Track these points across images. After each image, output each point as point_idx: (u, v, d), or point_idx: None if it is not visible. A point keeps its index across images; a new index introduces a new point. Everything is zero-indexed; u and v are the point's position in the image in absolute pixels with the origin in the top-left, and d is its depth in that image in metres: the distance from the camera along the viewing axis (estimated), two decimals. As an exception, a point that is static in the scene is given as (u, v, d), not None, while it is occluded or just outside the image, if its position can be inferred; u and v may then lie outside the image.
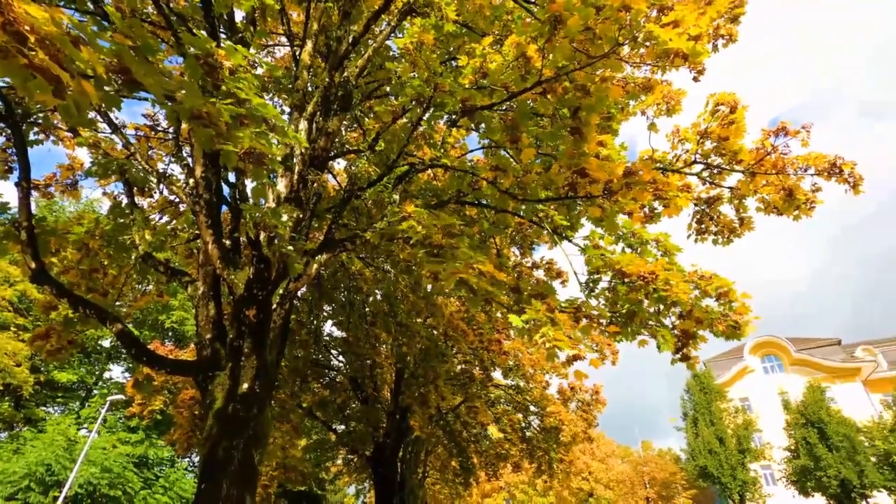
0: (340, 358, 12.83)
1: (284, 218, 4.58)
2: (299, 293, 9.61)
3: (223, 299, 5.22)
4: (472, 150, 8.37)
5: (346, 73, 5.60)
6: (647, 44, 3.48)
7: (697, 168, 6.03)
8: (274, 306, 4.95)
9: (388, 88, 7.28)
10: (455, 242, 4.46)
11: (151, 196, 6.25)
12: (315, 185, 5.52)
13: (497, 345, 12.36)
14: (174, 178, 6.16)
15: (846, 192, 5.44)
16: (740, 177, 5.75)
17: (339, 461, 22.57)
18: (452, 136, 7.39)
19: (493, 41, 5.54)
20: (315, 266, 5.32)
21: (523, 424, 17.12)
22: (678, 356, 5.44)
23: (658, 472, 55.84)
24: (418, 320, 10.71)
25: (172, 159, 6.28)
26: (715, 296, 5.23)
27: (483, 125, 5.47)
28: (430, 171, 8.23)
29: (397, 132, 6.05)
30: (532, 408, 16.77)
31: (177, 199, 6.34)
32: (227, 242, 5.55)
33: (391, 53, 7.22)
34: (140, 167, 5.41)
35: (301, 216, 4.95)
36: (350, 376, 12.52)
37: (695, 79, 4.61)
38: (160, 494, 23.40)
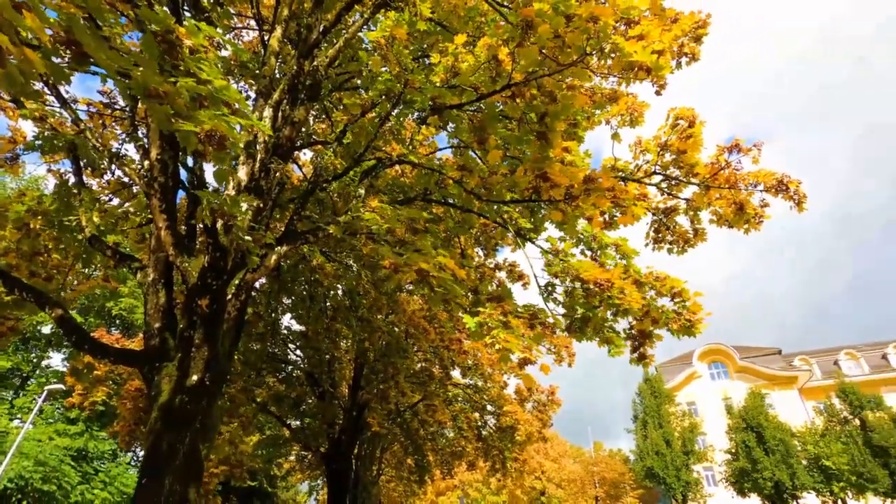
0: (298, 352, 12.59)
1: (244, 207, 4.46)
2: (257, 284, 9.37)
3: (175, 287, 5.03)
4: (440, 149, 8.39)
5: (315, 63, 5.49)
6: (613, 55, 3.58)
7: (657, 179, 6.25)
8: (229, 297, 4.81)
9: (358, 81, 7.18)
10: (418, 238, 4.47)
11: (102, 176, 5.94)
12: (278, 174, 5.39)
13: (457, 344, 12.44)
14: (128, 158, 5.88)
15: (791, 209, 5.78)
16: (696, 189, 6.00)
17: (293, 457, 22.15)
18: (422, 133, 7.37)
19: (465, 41, 5.57)
20: (274, 257, 5.20)
21: (480, 423, 17.28)
22: (635, 355, 5.64)
23: (608, 472, 57.54)
24: (380, 316, 10.64)
25: (127, 139, 6.00)
26: (669, 295, 5.45)
27: (452, 125, 5.50)
28: (397, 167, 8.19)
29: (366, 126, 5.98)
30: (489, 407, 16.97)
31: (130, 181, 6.05)
32: (183, 229, 5.36)
33: (364, 46, 7.13)
34: (91, 145, 5.14)
35: (262, 206, 4.82)
36: (307, 371, 12.31)
37: (657, 92, 4.78)
38: (99, 489, 22.29)
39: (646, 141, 6.04)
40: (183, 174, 5.72)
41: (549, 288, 5.03)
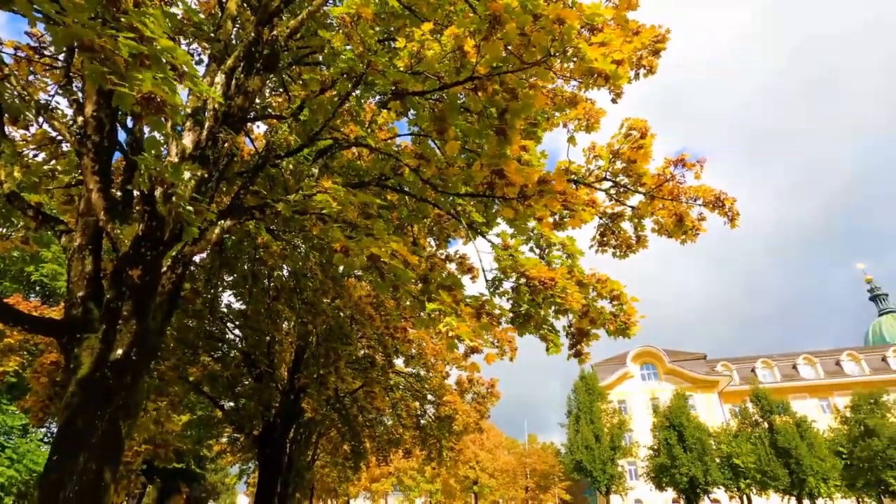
0: (237, 332, 12.16)
1: (186, 176, 4.23)
2: (197, 259, 8.95)
3: (104, 255, 4.72)
4: (400, 135, 8.28)
5: (275, 32, 5.26)
6: (575, 59, 3.66)
7: (607, 185, 6.47)
8: (164, 269, 4.56)
9: (320, 57, 6.95)
10: (371, 223, 4.41)
11: (27, 129, 5.44)
12: (227, 145, 5.14)
13: (402, 332, 12.43)
14: (59, 112, 5.42)
15: (725, 224, 6.16)
16: (641, 198, 6.26)
17: (224, 439, 21.46)
18: (382, 117, 7.25)
19: (433, 29, 5.51)
20: (217, 231, 4.97)
21: (419, 412, 17.42)
22: (573, 352, 5.85)
23: (539, 464, 59.66)
24: (325, 300, 10.44)
25: (59, 90, 5.52)
26: (609, 298, 5.68)
27: (413, 112, 5.44)
28: (354, 149, 8.03)
29: (324, 104, 5.79)
30: (430, 396, 17.12)
31: (59, 137, 5.58)
32: (118, 194, 5.02)
33: (329, 21, 6.89)
34: (15, 93, 4.69)
35: (207, 176, 4.59)
36: (245, 351, 11.92)
37: (613, 100, 4.93)
38: (5, 466, 20.69)
39: (599, 147, 6.23)
40: (122, 135, 5.36)
41: (497, 282, 5.12)
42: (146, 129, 4.86)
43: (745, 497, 30.70)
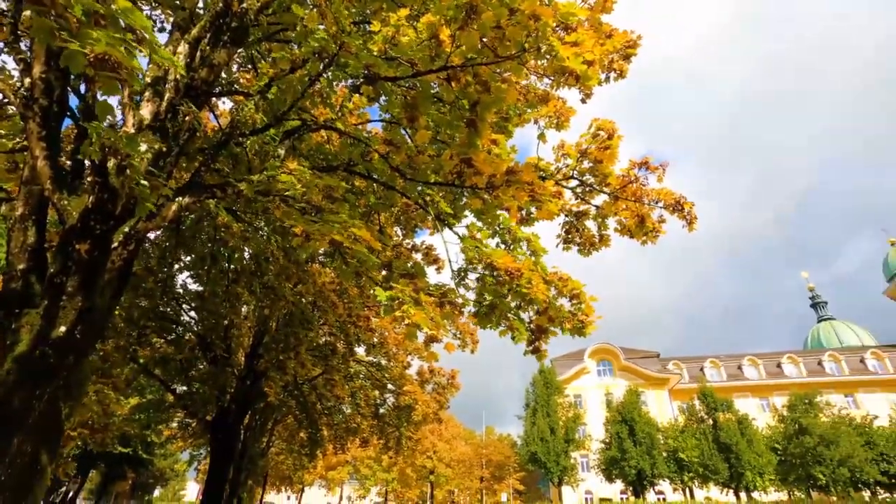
0: (192, 314, 11.76)
1: (143, 148, 4.04)
2: (152, 236, 8.60)
3: (49, 227, 4.46)
4: (371, 121, 8.15)
5: (245, 4, 5.06)
6: (548, 57, 3.68)
7: (573, 183, 6.58)
8: (115, 245, 4.35)
9: (291, 35, 6.75)
10: (336, 207, 4.33)
11: (-33, 87, 5.05)
12: (188, 119, 4.93)
13: (365, 321, 12.35)
14: (5, 72, 5.06)
15: (683, 227, 6.37)
16: (606, 198, 6.40)
17: (175, 424, 20.81)
18: (353, 102, 7.12)
19: (409, 15, 5.43)
20: (174, 208, 4.78)
21: (378, 401, 17.40)
22: (530, 348, 5.95)
23: (495, 455, 60.77)
24: (288, 285, 10.23)
25: (5, 48, 5.15)
26: (569, 296, 5.80)
27: (385, 98, 5.37)
28: (323, 132, 7.86)
29: (293, 83, 5.63)
30: (390, 386, 17.12)
31: (4, 99, 5.22)
32: (67, 163, 4.74)
33: (302, -2, 6.69)
34: (-46, 48, 4.35)
35: (165, 150, 4.39)
36: (200, 334, 11.56)
37: (583, 100, 5.01)
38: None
39: (568, 146, 6.32)
40: (74, 101, 5.06)
41: (462, 273, 5.14)
42: (100, 95, 4.60)
43: (687, 489, 32.23)
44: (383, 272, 5.24)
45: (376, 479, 57.06)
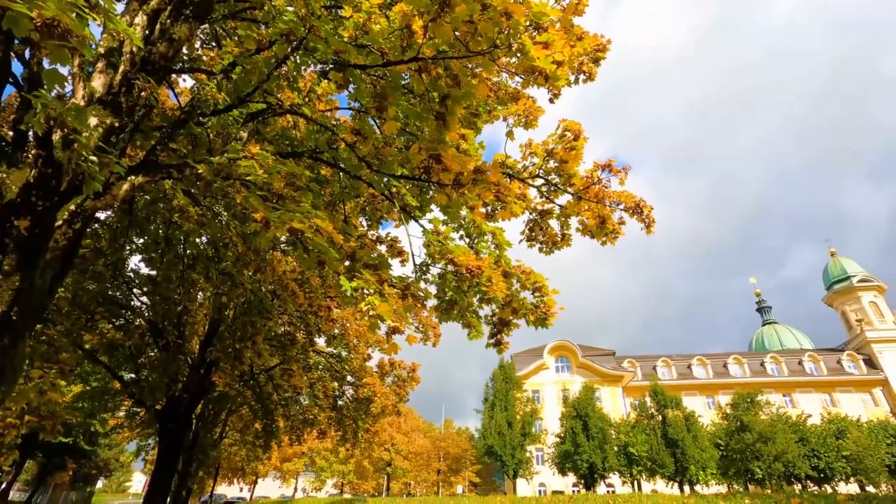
0: (144, 299, 11.28)
1: (93, 122, 3.83)
2: (102, 216, 8.18)
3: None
4: (339, 109, 8.00)
5: (210, -21, 4.85)
6: (519, 55, 3.71)
7: (539, 182, 6.67)
8: (59, 223, 4.11)
9: (259, 14, 6.54)
10: (298, 195, 4.24)
11: None
12: (145, 94, 4.70)
13: (326, 311, 12.18)
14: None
15: (641, 230, 6.58)
16: (570, 198, 6.52)
17: (122, 413, 19.98)
18: (321, 87, 6.97)
19: (381, 3, 5.35)
20: (126, 187, 4.56)
21: (337, 393, 17.22)
22: (492, 341, 6.01)
23: (453, 448, 61.36)
24: (247, 273, 9.95)
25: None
26: (532, 289, 5.89)
27: (354, 85, 5.27)
28: (289, 117, 7.66)
29: (259, 65, 5.46)
30: (349, 377, 16.97)
31: (-63, 60, 4.81)
32: (8, 133, 4.44)
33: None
34: None
35: (117, 125, 4.17)
36: (151, 320, 11.10)
37: (551, 100, 5.07)
38: None
39: (536, 144, 6.39)
40: (18, 67, 4.75)
41: (424, 268, 5.13)
42: (47, 63, 4.32)
43: (636, 482, 33.50)
44: (346, 262, 5.18)
45: (332, 471, 56.63)
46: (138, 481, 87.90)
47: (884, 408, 49.04)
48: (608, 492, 33.47)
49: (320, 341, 15.36)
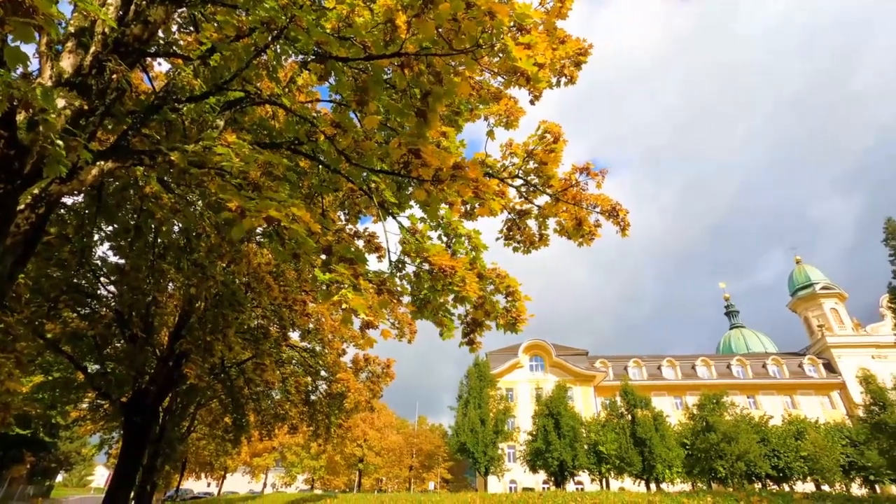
0: (111, 288, 10.94)
1: (60, 104, 3.70)
2: (69, 201, 7.91)
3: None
4: (321, 101, 7.91)
5: (189, -39, 4.74)
6: (501, 55, 3.72)
7: (518, 182, 6.73)
8: (21, 207, 3.97)
9: (240, 0, 6.40)
10: (275, 186, 4.17)
11: None
12: (117, 77, 4.56)
13: (301, 305, 12.04)
14: None
15: (616, 233, 6.69)
16: (548, 199, 6.60)
17: (85, 405, 19.36)
18: (302, 78, 6.87)
19: (366, -5, 5.30)
20: (95, 172, 4.43)
21: (310, 388, 17.05)
22: (465, 340, 6.03)
23: (425, 445, 61.46)
24: (220, 264, 9.74)
25: None
26: (504, 293, 5.94)
27: (335, 78, 5.21)
28: (269, 107, 7.53)
29: (238, 52, 5.35)
30: (323, 373, 16.82)
31: None
32: (-32, 111, 4.24)
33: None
34: None
35: (87, 108, 4.04)
36: (118, 310, 10.78)
37: (532, 101, 5.11)
38: None
39: (516, 145, 6.44)
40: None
41: (400, 265, 5.12)
42: (11, 41, 4.15)
43: (604, 480, 34.16)
44: (322, 256, 5.13)
45: (303, 467, 56.11)
46: (101, 475, 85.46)
47: (840, 410, 51.13)
48: (577, 489, 34.01)
49: (294, 335, 15.18)
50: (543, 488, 36.74)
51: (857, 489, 32.09)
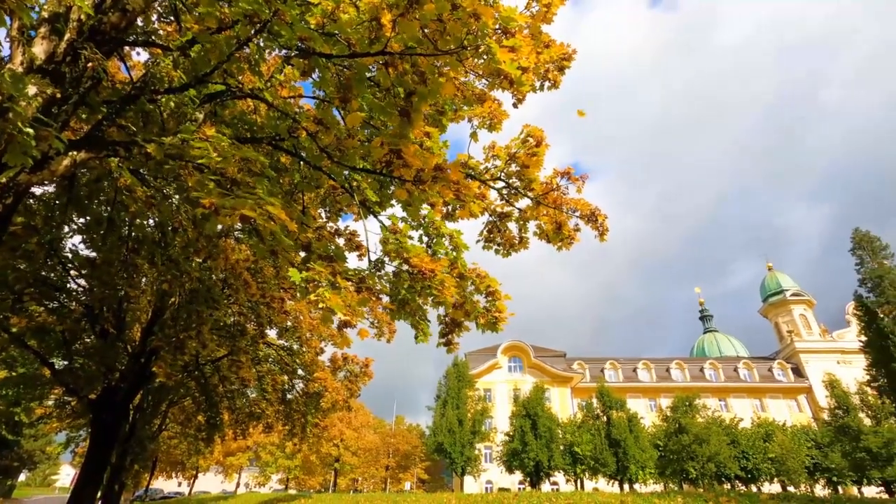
0: (81, 281, 10.63)
1: (31, 91, 3.59)
2: (38, 191, 7.67)
3: None
4: (303, 97, 7.82)
5: (170, -50, 4.64)
6: (486, 57, 3.74)
7: (500, 184, 6.77)
8: (-13, 196, 3.83)
9: (222, -9, 6.28)
10: (254, 182, 4.11)
11: None
12: (92, 65, 4.44)
13: (279, 302, 11.89)
14: None
15: (595, 237, 6.79)
16: (529, 202, 6.65)
17: (51, 402, 18.76)
18: (285, 73, 6.79)
19: (352, -8, 5.26)
20: (66, 163, 4.30)
21: (286, 386, 16.84)
22: (443, 341, 6.04)
23: (402, 444, 61.30)
24: (196, 259, 9.55)
25: None
26: (485, 293, 5.96)
27: (318, 74, 5.17)
28: (250, 101, 7.42)
29: (220, 44, 5.26)
30: (300, 371, 16.63)
31: None
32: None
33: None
34: None
35: (60, 96, 3.92)
36: (88, 305, 10.48)
37: (514, 105, 5.15)
38: None
39: (499, 147, 6.47)
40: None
41: (379, 264, 5.10)
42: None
43: (579, 480, 34.58)
44: (302, 253, 5.08)
45: (278, 466, 55.35)
46: (66, 475, 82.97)
47: (807, 414, 52.78)
48: (552, 489, 34.36)
49: (272, 333, 14.97)
50: (519, 489, 36.99)
51: (821, 490, 33.16)
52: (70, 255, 9.82)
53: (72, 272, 10.30)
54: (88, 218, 8.74)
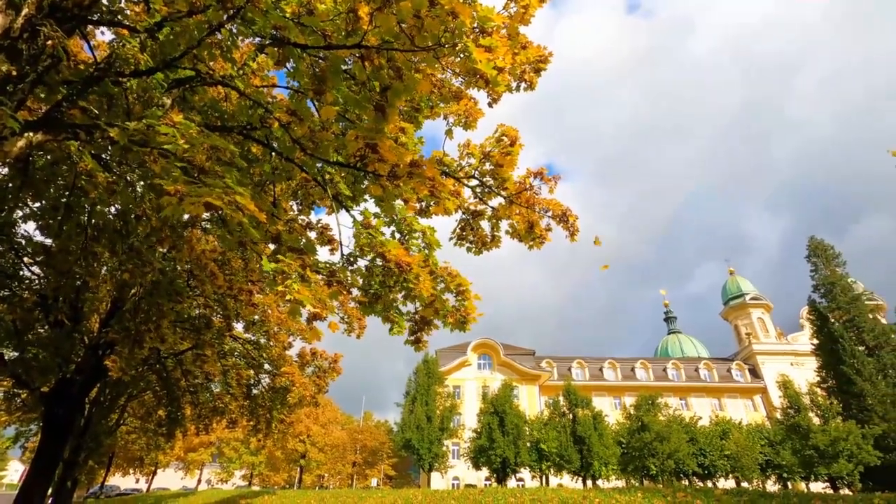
0: (36, 269, 10.15)
1: (-15, 66, 3.40)
2: (-10, 173, 7.29)
3: None
4: (277, 86, 7.66)
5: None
6: (462, 55, 3.75)
7: (474, 182, 6.80)
8: (-67, 176, 3.62)
9: (194, -26, 6.08)
10: (223, 171, 4.02)
11: None
12: (52, 43, 4.24)
13: (247, 295, 11.63)
14: None
15: (566, 238, 6.90)
16: (502, 201, 6.71)
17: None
18: (258, 61, 6.64)
19: (330, -17, 5.18)
20: (21, 144, 4.10)
21: (252, 381, 16.52)
22: (412, 338, 6.03)
23: (370, 441, 61.02)
24: (160, 249, 9.23)
25: None
26: (455, 291, 5.99)
27: (293, 64, 5.08)
28: (221, 89, 7.23)
29: (190, 28, 5.10)
30: (266, 366, 16.33)
31: None
32: None
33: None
34: None
35: (15, 73, 3.74)
36: (42, 293, 10.02)
37: (490, 104, 5.18)
38: None
39: (473, 146, 6.50)
40: None
41: (352, 258, 5.06)
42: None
43: (544, 476, 35.16)
44: (271, 245, 4.99)
45: (242, 462, 54.30)
46: (15, 471, 79.28)
47: (762, 413, 55.08)
48: (518, 485, 34.83)
49: (238, 326, 14.64)
50: (486, 485, 37.35)
51: (772, 486, 34.68)
52: (24, 241, 9.36)
53: (25, 259, 9.83)
54: (45, 203, 8.33)
